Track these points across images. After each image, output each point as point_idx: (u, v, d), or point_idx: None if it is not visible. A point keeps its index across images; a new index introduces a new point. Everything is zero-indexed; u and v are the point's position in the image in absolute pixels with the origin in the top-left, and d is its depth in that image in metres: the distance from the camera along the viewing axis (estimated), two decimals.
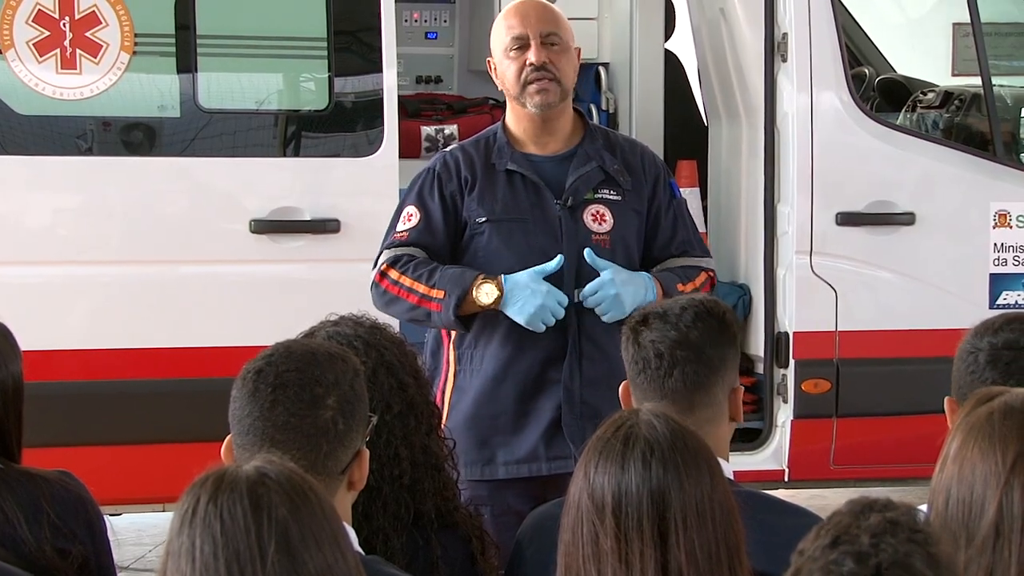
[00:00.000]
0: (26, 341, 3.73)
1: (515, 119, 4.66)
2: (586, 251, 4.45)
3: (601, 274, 4.45)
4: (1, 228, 6.09)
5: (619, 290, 4.41)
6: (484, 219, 4.56)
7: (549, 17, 4.59)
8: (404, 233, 4.57)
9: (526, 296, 4.40)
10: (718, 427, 3.43)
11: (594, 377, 4.43)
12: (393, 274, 4.51)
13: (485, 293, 4.41)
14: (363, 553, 2.72)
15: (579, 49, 4.70)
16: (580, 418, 4.48)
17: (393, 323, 4.30)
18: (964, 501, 2.49)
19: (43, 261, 6.09)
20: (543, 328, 4.42)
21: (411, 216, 4.59)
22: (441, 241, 4.56)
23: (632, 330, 3.46)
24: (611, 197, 4.60)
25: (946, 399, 3.36)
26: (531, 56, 4.53)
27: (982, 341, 3.45)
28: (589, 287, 4.43)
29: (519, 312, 4.41)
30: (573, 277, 4.51)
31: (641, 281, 4.47)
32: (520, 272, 4.43)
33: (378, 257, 4.61)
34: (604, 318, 4.43)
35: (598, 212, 4.59)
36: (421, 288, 4.45)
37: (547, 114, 4.57)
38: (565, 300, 4.42)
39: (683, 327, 3.40)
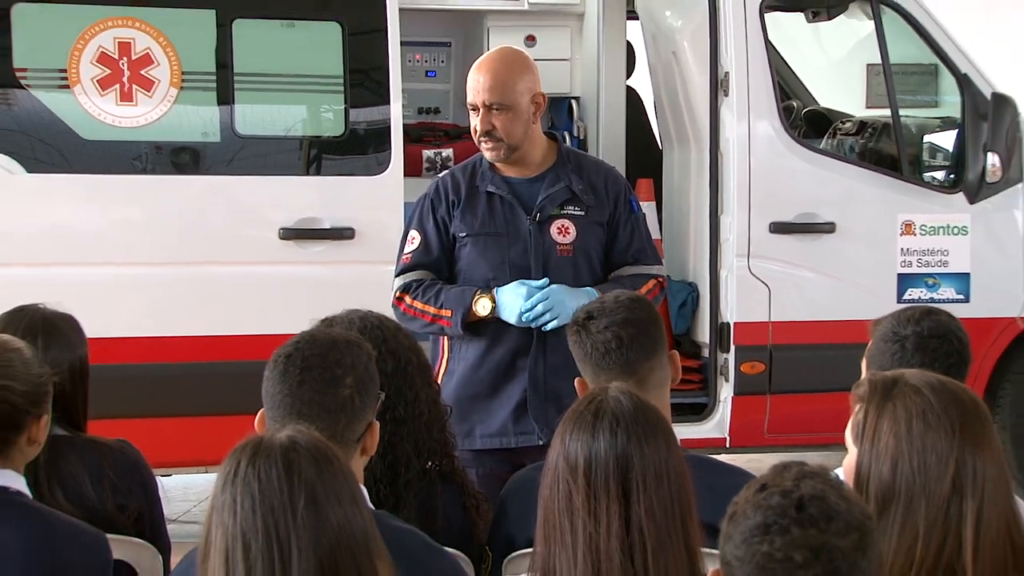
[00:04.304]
0: (92, 329, 3.73)
1: None
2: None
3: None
4: (71, 235, 6.09)
5: (564, 296, 4.39)
6: (465, 234, 4.56)
7: (497, 84, 4.49)
8: (408, 256, 4.60)
9: (511, 302, 4.42)
10: (666, 388, 3.45)
11: (556, 365, 4.39)
12: (407, 299, 4.55)
13: (482, 306, 4.45)
14: (376, 510, 2.72)
15: (543, 94, 4.59)
16: (544, 400, 4.48)
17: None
18: (919, 468, 2.49)
19: (106, 262, 6.09)
20: (525, 324, 4.42)
21: (413, 239, 4.62)
22: (437, 255, 4.58)
23: (581, 326, 3.47)
24: (575, 213, 4.58)
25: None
26: (478, 123, 4.52)
27: (906, 330, 3.46)
28: (533, 300, 4.43)
29: (507, 316, 4.43)
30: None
31: (585, 294, 4.43)
32: (509, 285, 4.45)
33: (395, 277, 4.63)
34: (549, 327, 4.41)
35: (563, 226, 4.56)
36: (432, 310, 4.50)
37: (502, 161, 4.57)
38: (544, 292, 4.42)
39: (623, 311, 3.43)
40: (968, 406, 2.55)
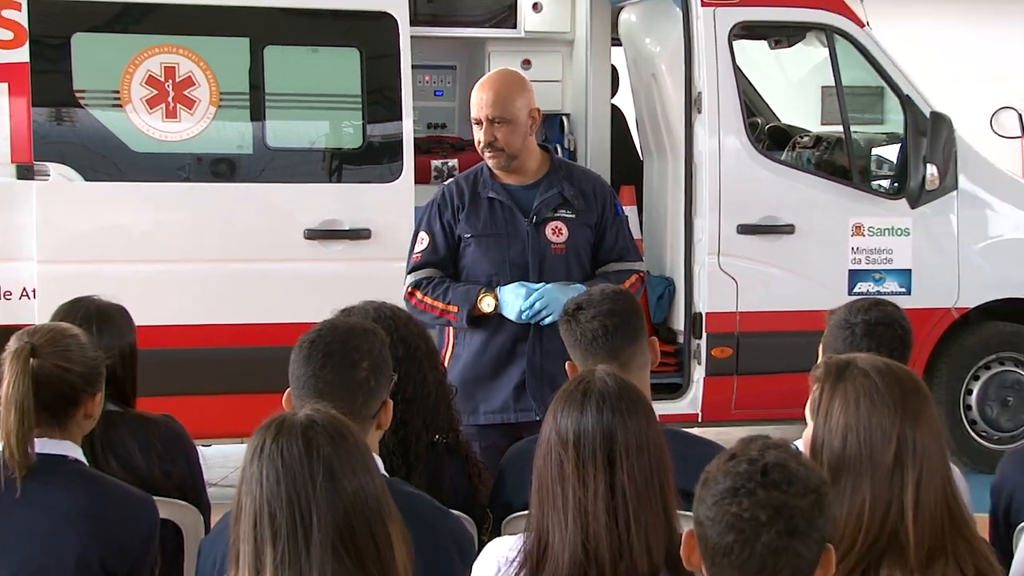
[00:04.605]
0: (141, 318, 3.72)
1: None
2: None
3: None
4: (123, 236, 6.10)
5: (557, 294, 4.37)
6: (470, 235, 4.52)
7: (499, 100, 4.46)
8: (419, 255, 4.56)
9: (512, 302, 4.40)
10: (647, 370, 3.44)
11: (551, 351, 4.34)
12: (418, 294, 4.51)
13: (487, 303, 4.42)
14: (388, 477, 2.71)
15: (538, 109, 4.56)
16: (540, 381, 4.44)
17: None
18: (865, 441, 2.49)
19: (153, 260, 6.10)
20: (525, 321, 4.40)
21: (423, 240, 4.57)
22: (443, 254, 4.54)
23: (571, 316, 3.45)
24: (567, 216, 4.54)
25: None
26: (481, 136, 4.49)
27: (856, 318, 3.47)
28: (530, 300, 4.40)
29: (507, 313, 4.41)
30: (538, 277, 4.48)
31: (574, 290, 4.38)
32: (510, 285, 4.42)
33: (407, 274, 4.59)
34: (547, 322, 4.37)
35: (557, 227, 4.53)
36: (440, 305, 4.46)
37: (503, 169, 4.54)
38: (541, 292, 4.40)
39: (608, 303, 3.41)
40: (909, 386, 2.54)
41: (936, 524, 2.46)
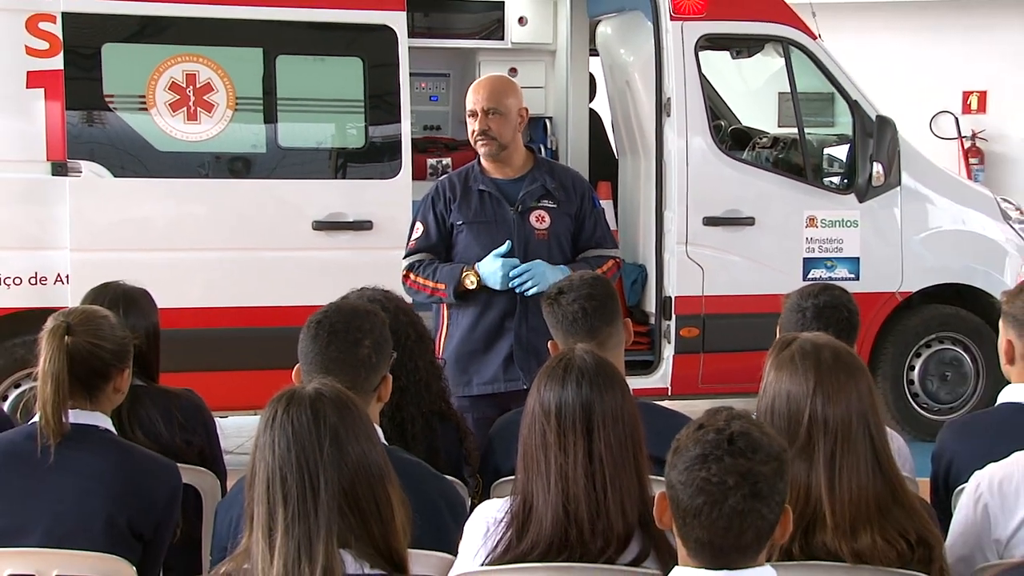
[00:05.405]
0: (164, 301, 3.70)
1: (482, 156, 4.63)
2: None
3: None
4: (148, 227, 6.07)
5: (545, 269, 4.39)
6: (462, 222, 4.53)
7: (493, 94, 4.50)
8: (414, 242, 4.58)
9: (492, 274, 4.40)
10: (621, 349, 3.43)
11: (536, 326, 4.33)
12: (412, 276, 4.54)
13: (470, 281, 4.42)
14: (387, 445, 2.70)
15: (526, 109, 4.60)
16: (527, 353, 4.44)
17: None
18: (784, 415, 2.50)
19: (176, 248, 6.06)
20: (512, 288, 4.41)
21: (418, 229, 4.60)
22: (435, 241, 4.55)
23: (553, 300, 3.44)
24: (549, 206, 4.55)
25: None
26: (476, 125, 4.51)
27: (807, 302, 3.46)
28: (519, 269, 4.42)
29: (493, 284, 4.41)
30: (523, 260, 4.46)
31: (560, 271, 4.40)
32: (484, 259, 4.43)
33: (403, 259, 4.60)
34: (530, 292, 4.39)
35: (540, 215, 4.54)
36: (430, 284, 4.48)
37: (493, 158, 4.54)
38: (516, 262, 4.41)
39: (587, 288, 3.40)
40: (829, 364, 2.53)
41: (861, 496, 2.45)
